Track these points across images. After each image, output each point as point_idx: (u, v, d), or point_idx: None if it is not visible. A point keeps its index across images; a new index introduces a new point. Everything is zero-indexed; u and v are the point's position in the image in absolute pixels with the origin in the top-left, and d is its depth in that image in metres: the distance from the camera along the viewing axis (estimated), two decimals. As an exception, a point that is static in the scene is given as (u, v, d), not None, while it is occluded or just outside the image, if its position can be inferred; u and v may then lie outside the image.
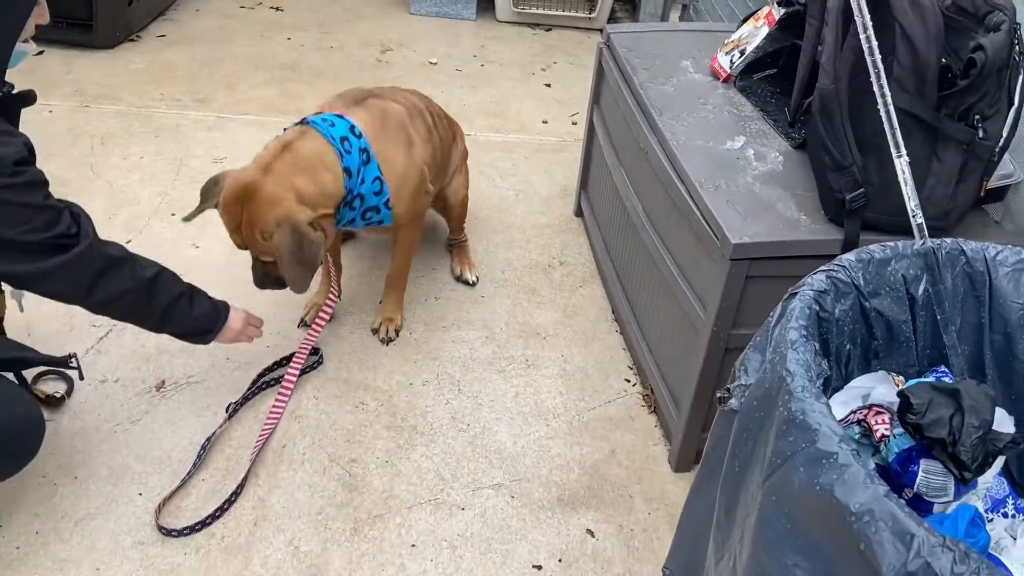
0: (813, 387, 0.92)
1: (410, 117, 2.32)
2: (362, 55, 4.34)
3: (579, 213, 3.21)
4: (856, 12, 1.45)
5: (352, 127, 2.13)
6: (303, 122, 2.14)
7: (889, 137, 1.36)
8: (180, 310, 1.93)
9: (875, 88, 1.39)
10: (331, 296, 2.40)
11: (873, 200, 1.73)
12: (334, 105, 2.26)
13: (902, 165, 1.36)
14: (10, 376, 1.82)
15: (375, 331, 2.53)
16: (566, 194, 3.35)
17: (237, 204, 1.99)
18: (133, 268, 1.83)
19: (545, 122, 3.88)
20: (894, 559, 0.77)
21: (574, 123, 3.87)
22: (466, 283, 2.83)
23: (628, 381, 2.50)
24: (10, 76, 1.69)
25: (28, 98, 1.76)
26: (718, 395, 1.13)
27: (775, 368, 0.99)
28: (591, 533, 2.03)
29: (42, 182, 1.66)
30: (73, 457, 2.09)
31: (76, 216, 1.74)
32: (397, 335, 2.54)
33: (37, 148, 1.68)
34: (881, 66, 1.39)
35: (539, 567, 1.94)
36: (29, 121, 3.37)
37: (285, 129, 2.15)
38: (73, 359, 1.83)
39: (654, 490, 2.15)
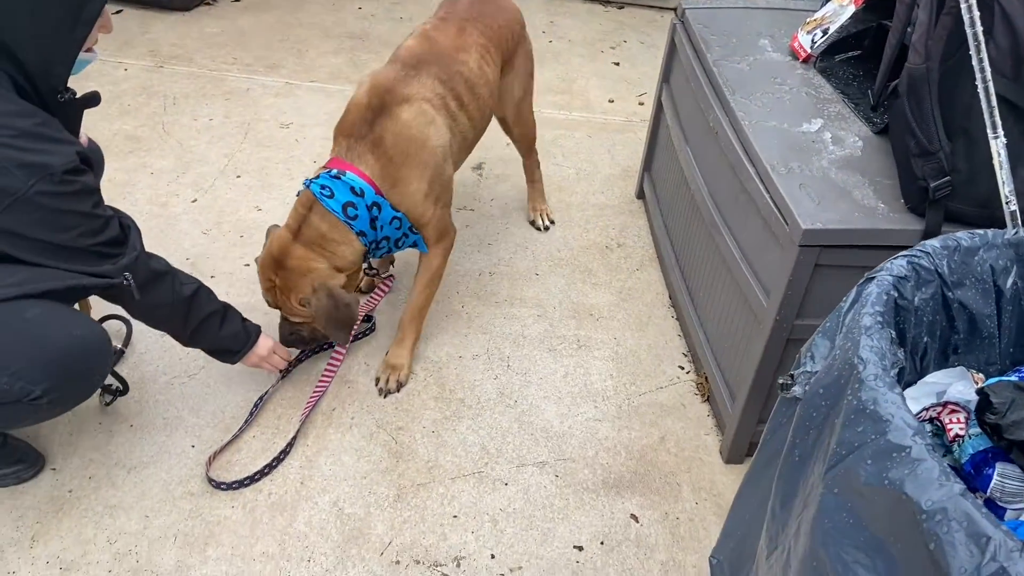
0: (887, 376, 0.86)
1: (435, 109, 2.12)
2: (431, 27, 4.32)
3: (641, 195, 3.14)
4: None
5: (353, 188, 2.01)
6: (307, 184, 2.06)
7: (986, 116, 1.27)
8: (211, 329, 1.97)
9: (974, 62, 1.30)
10: (387, 282, 2.43)
11: (959, 189, 1.63)
12: (339, 150, 2.09)
13: (998, 147, 1.26)
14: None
15: (376, 380, 2.27)
16: (628, 175, 3.28)
17: (272, 270, 2.05)
18: (173, 284, 1.87)
19: (611, 101, 3.81)
20: (966, 562, 0.71)
21: (641, 103, 3.79)
22: (537, 229, 2.82)
23: (682, 368, 2.44)
24: None
25: (92, 100, 1.80)
26: (780, 381, 1.07)
27: (846, 355, 0.93)
28: (635, 518, 1.99)
29: (92, 190, 1.68)
30: (129, 406, 2.14)
31: (126, 228, 1.77)
32: (399, 388, 2.26)
33: (111, 104, 1.71)
34: (982, 39, 1.29)
35: (580, 548, 1.91)
36: (105, 76, 3.48)
37: (298, 193, 2.09)
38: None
39: (703, 480, 2.10)
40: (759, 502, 1.09)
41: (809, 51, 2.37)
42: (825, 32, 2.34)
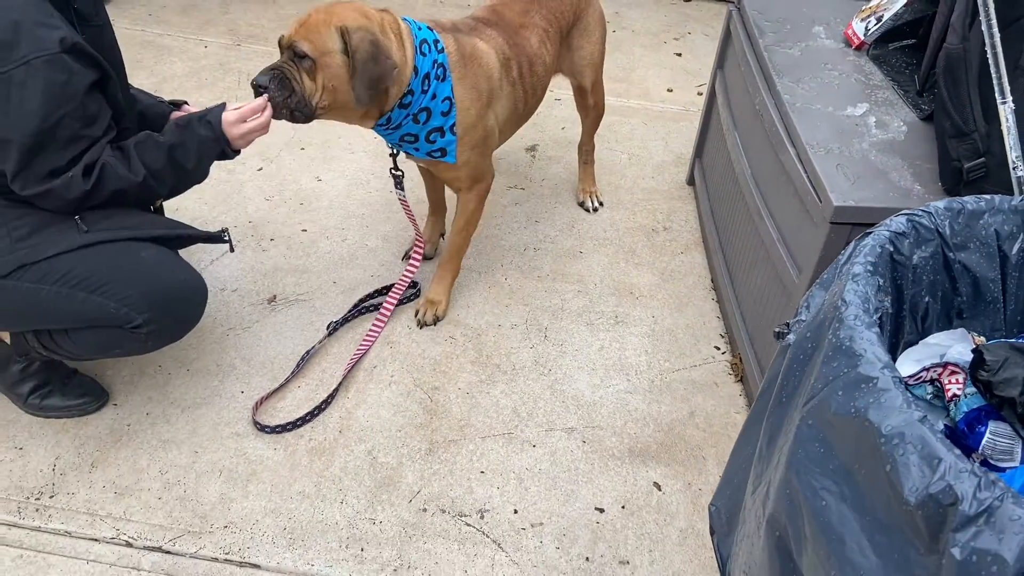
0: (866, 317, 0.90)
1: (499, 66, 2.24)
2: (477, 3, 4.41)
3: (691, 182, 3.16)
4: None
5: (436, 41, 2.11)
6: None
7: (995, 80, 1.27)
8: (181, 162, 1.87)
9: (984, 27, 1.30)
10: (417, 241, 2.49)
11: (993, 172, 1.62)
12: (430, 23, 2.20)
13: (1006, 112, 1.27)
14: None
15: (416, 312, 2.43)
16: (680, 162, 3.30)
17: (327, 5, 2.00)
18: (125, 178, 1.81)
19: (670, 90, 3.82)
20: (918, 481, 0.74)
21: (699, 93, 3.79)
22: (586, 210, 2.91)
23: (717, 348, 2.46)
24: (173, 12, 1.80)
25: None
26: (776, 330, 1.11)
27: (832, 299, 0.96)
28: (658, 486, 2.03)
29: (58, 84, 1.65)
30: (188, 352, 2.29)
31: (90, 166, 1.76)
32: (436, 322, 2.41)
33: (190, 78, 1.80)
34: (991, 2, 1.29)
35: (601, 510, 1.97)
36: (187, 52, 3.68)
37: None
38: (225, 233, 2.01)
39: (728, 455, 2.12)
40: (753, 448, 1.14)
41: (862, 38, 2.36)
42: (879, 19, 2.33)
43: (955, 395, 1.11)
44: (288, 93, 1.98)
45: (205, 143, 1.88)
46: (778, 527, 0.94)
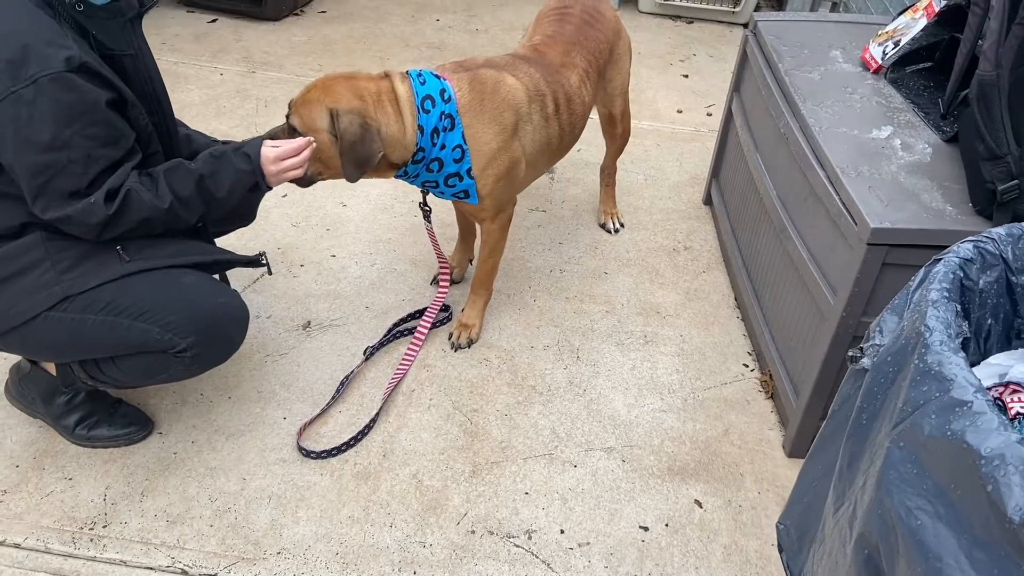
0: (951, 343, 0.95)
1: (528, 100, 2.27)
2: (505, 39, 4.48)
3: (708, 201, 3.22)
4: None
5: (443, 90, 2.14)
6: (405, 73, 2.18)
7: None
8: (208, 201, 1.88)
9: None
10: (442, 268, 2.53)
11: (1027, 193, 1.69)
12: (445, 68, 2.26)
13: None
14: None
15: (449, 335, 2.50)
16: (695, 182, 3.36)
17: (323, 81, 2.07)
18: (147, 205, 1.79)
19: (680, 111, 3.90)
20: (1021, 501, 0.79)
21: (709, 114, 3.87)
22: (607, 232, 2.98)
23: (746, 366, 2.51)
24: (186, 40, 1.81)
25: (111, 6, 1.77)
26: (849, 354, 1.16)
27: (913, 325, 1.01)
28: (699, 504, 2.07)
29: (65, 107, 1.65)
30: (228, 380, 2.32)
31: (113, 192, 1.75)
32: (470, 345, 2.47)
33: (208, 105, 1.81)
34: None
35: (646, 528, 2.00)
36: (202, 80, 3.72)
37: None
38: (263, 256, 2.05)
39: (766, 472, 2.17)
40: (826, 468, 1.18)
41: (880, 62, 2.43)
42: (897, 44, 2.41)
43: (1019, 413, 1.16)
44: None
45: (240, 175, 1.90)
46: (868, 546, 0.98)
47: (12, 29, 1.62)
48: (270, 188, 1.98)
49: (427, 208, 2.43)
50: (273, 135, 2.05)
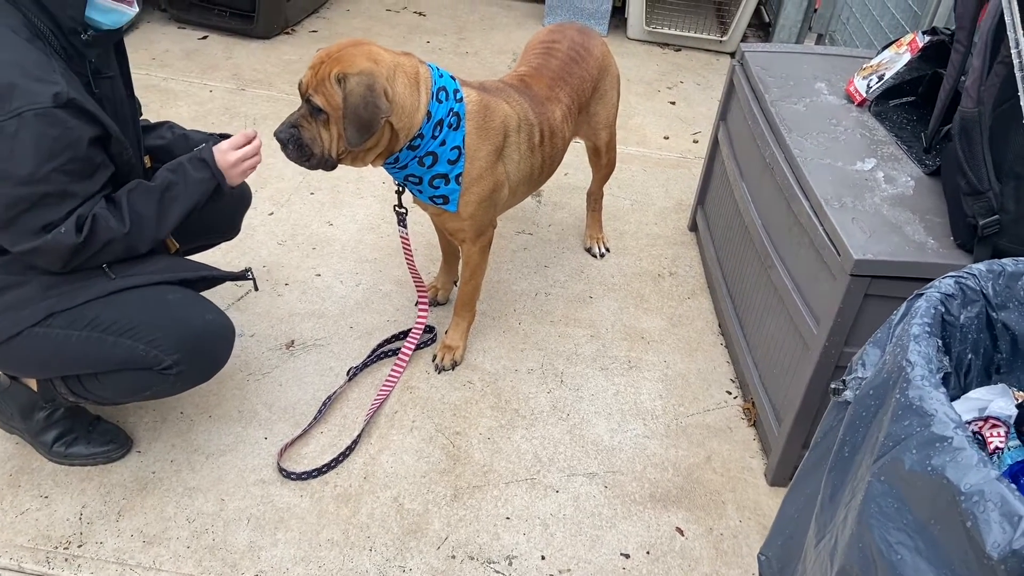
0: (932, 377, 0.96)
1: (517, 128, 2.28)
2: (495, 61, 4.52)
3: (693, 227, 3.25)
4: (1009, 28, 1.46)
5: (456, 90, 2.15)
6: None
7: None
8: (175, 204, 1.86)
9: (1023, 102, 1.39)
10: (419, 288, 2.52)
11: (1007, 228, 1.71)
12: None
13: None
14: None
15: (433, 357, 2.49)
16: (681, 208, 3.39)
17: (337, 49, 2.03)
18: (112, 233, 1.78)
19: (667, 138, 3.94)
20: (999, 537, 0.80)
21: (695, 141, 3.91)
22: (593, 256, 3.00)
23: (729, 393, 2.52)
24: (176, 56, 1.80)
25: (115, 34, 1.80)
26: (832, 387, 1.17)
27: (895, 359, 1.02)
28: (680, 532, 2.07)
29: (49, 140, 1.64)
30: (209, 399, 2.30)
31: (81, 222, 1.73)
32: (454, 367, 2.47)
33: (197, 123, 1.81)
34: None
35: (627, 555, 1.99)
36: (192, 96, 3.72)
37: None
38: (249, 271, 2.04)
39: (747, 500, 2.17)
40: (807, 499, 1.18)
41: (864, 95, 2.47)
42: (881, 78, 2.45)
43: (998, 447, 1.17)
44: (308, 155, 2.07)
45: (199, 182, 1.88)
46: (849, 578, 0.99)
47: (0, 62, 1.62)
48: (233, 187, 1.97)
49: (403, 210, 2.38)
50: (295, 123, 2.03)
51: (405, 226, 2.42)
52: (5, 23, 1.65)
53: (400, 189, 2.35)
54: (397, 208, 2.39)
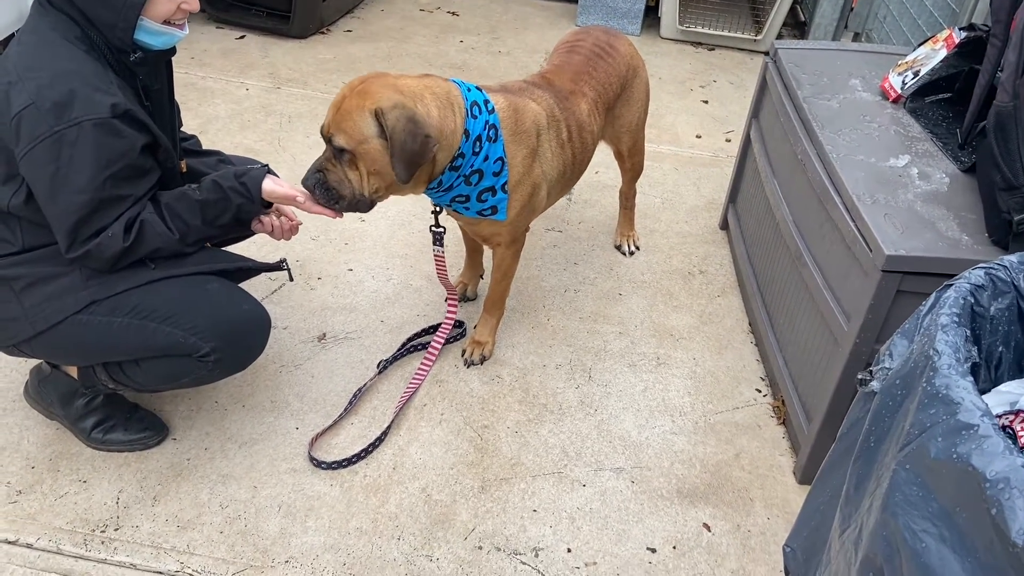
0: (959, 366, 0.95)
1: (547, 125, 2.26)
2: (527, 61, 4.54)
3: (724, 226, 3.23)
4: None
5: (487, 101, 2.12)
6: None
7: None
8: (212, 228, 1.91)
9: None
10: (450, 300, 2.53)
11: (1043, 224, 1.69)
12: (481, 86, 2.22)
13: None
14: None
15: (463, 352, 2.50)
16: (712, 207, 3.37)
17: (359, 82, 1.95)
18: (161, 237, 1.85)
19: (699, 137, 3.92)
20: (1026, 524, 0.79)
21: (728, 140, 3.89)
22: (623, 253, 3.00)
23: (759, 391, 2.50)
24: (214, 56, 1.86)
25: (166, 54, 1.86)
26: (859, 377, 1.16)
27: (923, 348, 1.02)
28: (707, 527, 2.06)
29: (105, 150, 1.71)
30: (243, 389, 2.34)
31: (130, 224, 1.80)
32: (483, 362, 2.48)
33: (233, 120, 1.86)
34: None
35: (653, 550, 1.99)
36: (229, 94, 3.80)
37: None
38: (284, 262, 2.09)
39: (776, 497, 2.16)
40: (834, 490, 1.18)
41: (899, 92, 2.44)
42: (916, 74, 2.42)
43: (1029, 441, 1.15)
44: (336, 199, 2.00)
45: (238, 208, 1.92)
46: (873, 567, 0.98)
47: (61, 72, 1.69)
48: (260, 225, 2.03)
49: (440, 230, 2.35)
50: (320, 167, 1.98)
51: (442, 245, 2.39)
52: (64, 35, 1.73)
53: (438, 210, 2.32)
54: (434, 228, 2.35)
